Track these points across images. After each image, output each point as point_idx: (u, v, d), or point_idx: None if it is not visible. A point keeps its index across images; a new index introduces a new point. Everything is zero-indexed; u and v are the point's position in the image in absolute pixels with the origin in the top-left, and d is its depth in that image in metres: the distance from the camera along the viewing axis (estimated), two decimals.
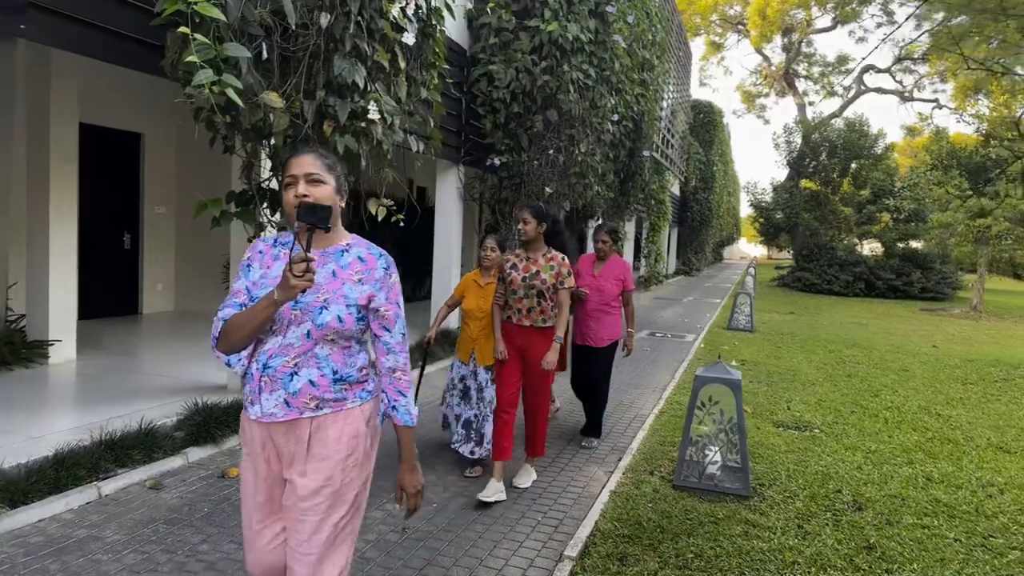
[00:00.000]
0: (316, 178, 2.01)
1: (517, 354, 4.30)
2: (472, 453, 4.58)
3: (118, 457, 4.14)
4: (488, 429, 4.57)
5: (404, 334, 2.17)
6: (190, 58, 3.55)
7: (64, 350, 6.47)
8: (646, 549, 3.54)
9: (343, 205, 2.15)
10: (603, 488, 4.39)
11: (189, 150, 9.56)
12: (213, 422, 4.78)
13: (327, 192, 2.03)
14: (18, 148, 6.56)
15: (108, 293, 9.03)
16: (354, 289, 2.06)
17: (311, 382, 2.02)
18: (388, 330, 2.14)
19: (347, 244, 2.15)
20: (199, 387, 5.80)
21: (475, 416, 4.65)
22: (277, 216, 5.05)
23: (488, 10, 8.57)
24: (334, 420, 2.06)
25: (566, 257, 4.34)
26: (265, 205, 4.94)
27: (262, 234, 5.02)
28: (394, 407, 2.16)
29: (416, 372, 4.57)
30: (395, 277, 2.17)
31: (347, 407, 2.08)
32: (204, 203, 4.69)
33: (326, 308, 2.02)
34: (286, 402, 2.02)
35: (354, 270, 2.09)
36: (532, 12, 8.57)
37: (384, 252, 2.19)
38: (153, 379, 6.10)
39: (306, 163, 2.02)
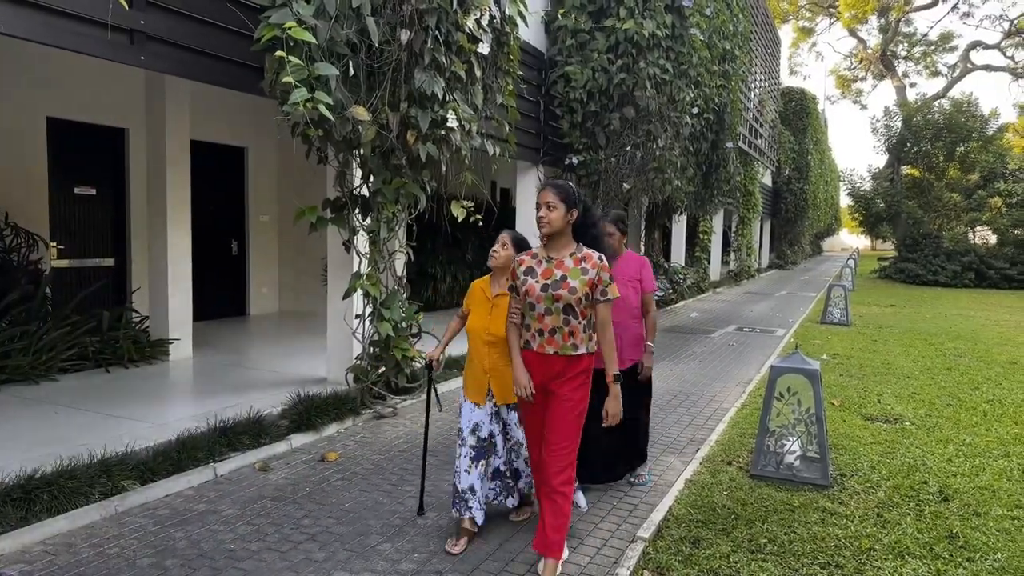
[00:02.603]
0: None
1: (540, 393, 3.18)
2: (507, 502, 3.73)
3: (230, 442, 4.58)
4: (520, 464, 3.70)
5: None
6: (286, 79, 3.93)
7: (182, 348, 7.12)
8: (719, 533, 3.63)
9: None
10: (679, 476, 4.48)
11: (289, 162, 10.21)
12: (314, 412, 5.18)
13: None
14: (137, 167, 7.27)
15: (219, 296, 9.77)
16: None
17: None
18: None
19: None
20: (301, 380, 6.26)
21: (499, 470, 3.68)
22: (368, 220, 5.43)
23: (559, 15, 8.75)
24: None
25: (603, 257, 3.17)
26: (357, 210, 5.32)
27: (355, 237, 5.40)
28: None
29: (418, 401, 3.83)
30: None
31: None
32: (302, 210, 5.12)
33: None
34: None
35: None
36: (608, 12, 8.68)
37: None
38: (260, 373, 6.64)
39: None
